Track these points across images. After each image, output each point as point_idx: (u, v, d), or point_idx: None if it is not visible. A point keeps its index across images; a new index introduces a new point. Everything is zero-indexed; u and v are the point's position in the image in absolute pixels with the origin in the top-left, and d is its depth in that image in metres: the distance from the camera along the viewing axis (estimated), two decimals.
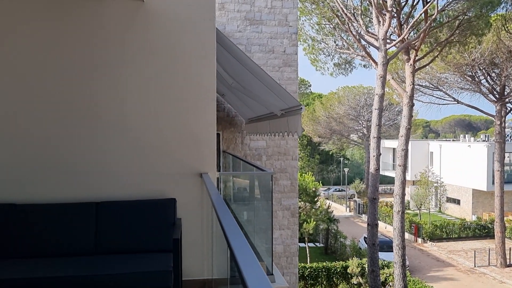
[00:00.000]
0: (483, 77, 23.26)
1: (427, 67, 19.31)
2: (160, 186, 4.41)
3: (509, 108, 24.21)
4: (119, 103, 4.34)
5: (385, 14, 14.43)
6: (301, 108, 4.97)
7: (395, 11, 15.01)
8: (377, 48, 14.68)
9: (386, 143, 37.66)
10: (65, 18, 4.26)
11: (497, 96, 23.11)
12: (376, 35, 14.80)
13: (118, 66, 4.34)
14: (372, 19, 15.42)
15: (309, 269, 19.63)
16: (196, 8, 4.45)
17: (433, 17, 14.76)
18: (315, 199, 25.12)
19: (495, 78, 22.83)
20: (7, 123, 4.19)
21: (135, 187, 4.38)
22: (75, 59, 4.27)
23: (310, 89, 52.53)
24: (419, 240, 27.93)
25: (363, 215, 34.10)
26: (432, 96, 25.13)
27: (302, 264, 19.76)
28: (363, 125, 39.94)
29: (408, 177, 23.89)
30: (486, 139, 34.69)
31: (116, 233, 4.08)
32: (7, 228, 3.98)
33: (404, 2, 15.84)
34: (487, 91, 23.35)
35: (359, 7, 15.96)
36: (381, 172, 16.12)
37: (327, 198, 38.75)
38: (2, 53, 4.18)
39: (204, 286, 4.45)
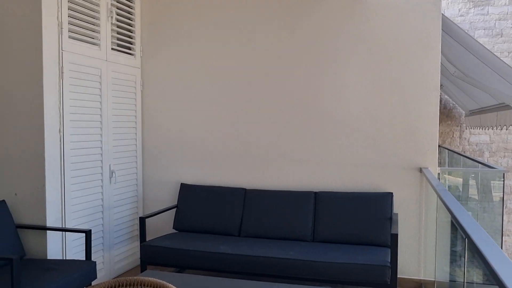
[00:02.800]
0: None
1: None
2: (376, 180, 4.35)
3: None
4: (338, 95, 4.42)
5: None
6: None
7: None
8: None
9: None
10: (290, 16, 4.52)
11: None
12: None
13: (337, 60, 4.41)
14: None
15: None
16: None
17: None
18: None
19: None
20: (239, 118, 4.69)
21: (351, 179, 4.41)
22: (298, 53, 4.51)
23: None
24: None
25: None
26: None
27: None
28: None
29: None
30: None
31: (333, 223, 4.17)
32: (237, 209, 4.47)
33: None
34: None
35: None
36: None
37: None
38: (238, 52, 4.68)
39: (421, 286, 4.23)
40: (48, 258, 3.62)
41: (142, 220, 4.13)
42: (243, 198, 4.51)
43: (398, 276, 4.18)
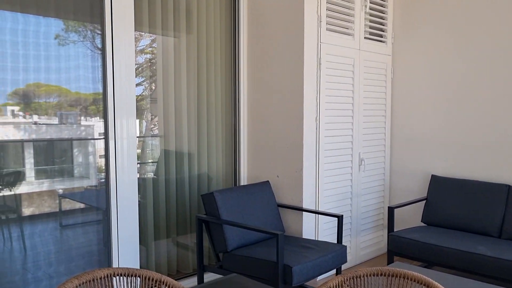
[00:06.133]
0: None
1: None
2: None
3: None
4: None
5: None
6: None
7: None
8: None
9: None
10: None
11: None
12: None
13: None
14: None
15: None
16: None
17: None
18: None
19: None
20: (498, 105, 4.14)
21: None
22: None
23: None
24: None
25: None
26: None
27: None
28: None
29: None
30: None
31: None
32: (498, 207, 4.00)
33: None
34: None
35: None
36: None
37: None
38: (497, 34, 4.14)
39: None
40: (303, 237, 3.92)
41: (391, 210, 4.08)
42: (506, 196, 3.99)
43: None
